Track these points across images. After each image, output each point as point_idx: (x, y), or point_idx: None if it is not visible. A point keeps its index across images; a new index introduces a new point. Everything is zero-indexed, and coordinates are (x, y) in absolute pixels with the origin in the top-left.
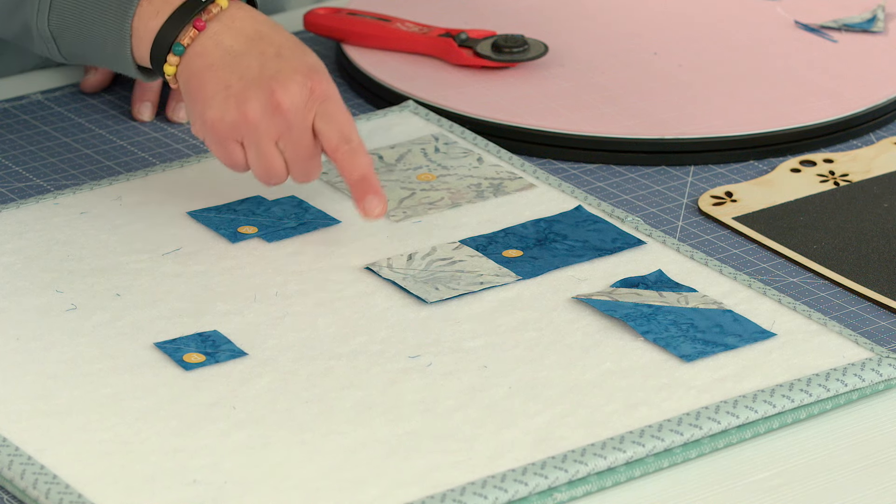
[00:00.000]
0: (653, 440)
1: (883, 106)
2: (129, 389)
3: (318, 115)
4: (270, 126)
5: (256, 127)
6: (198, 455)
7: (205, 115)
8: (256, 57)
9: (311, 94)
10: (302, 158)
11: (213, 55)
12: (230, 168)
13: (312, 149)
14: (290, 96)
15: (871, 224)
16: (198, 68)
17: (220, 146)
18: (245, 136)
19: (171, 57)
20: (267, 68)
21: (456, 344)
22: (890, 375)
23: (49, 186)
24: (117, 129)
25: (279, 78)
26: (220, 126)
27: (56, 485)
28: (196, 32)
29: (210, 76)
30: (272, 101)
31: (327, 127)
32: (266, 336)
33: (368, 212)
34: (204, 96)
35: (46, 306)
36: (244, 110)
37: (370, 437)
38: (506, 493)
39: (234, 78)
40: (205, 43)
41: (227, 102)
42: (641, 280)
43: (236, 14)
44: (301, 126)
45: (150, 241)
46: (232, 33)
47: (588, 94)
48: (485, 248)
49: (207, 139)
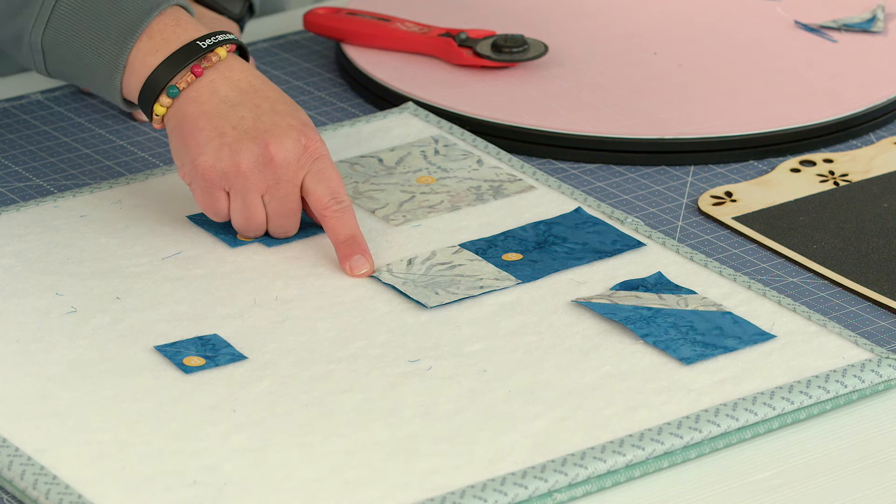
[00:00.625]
0: (652, 443)
1: (882, 106)
2: (129, 392)
3: (310, 173)
4: (260, 179)
5: (247, 178)
6: (198, 457)
7: (197, 160)
8: (251, 109)
9: (304, 151)
10: (284, 214)
11: (208, 102)
12: (210, 216)
13: (297, 205)
14: (283, 151)
15: (870, 224)
16: (192, 113)
17: (207, 193)
18: (233, 186)
19: (164, 98)
20: (262, 121)
21: (456, 348)
22: (889, 376)
23: (49, 186)
24: (117, 128)
25: (274, 132)
26: (211, 174)
27: (56, 485)
28: (193, 77)
29: (205, 123)
30: (266, 155)
31: (319, 186)
32: (266, 340)
33: (355, 270)
34: (197, 142)
35: (46, 309)
36: (237, 160)
37: (370, 440)
38: (505, 496)
39: (229, 127)
40: (201, 89)
41: (221, 151)
42: (641, 282)
43: (233, 65)
44: (291, 182)
45: (151, 245)
46: (228, 83)
47: (588, 94)
48: (484, 251)
49: (194, 184)
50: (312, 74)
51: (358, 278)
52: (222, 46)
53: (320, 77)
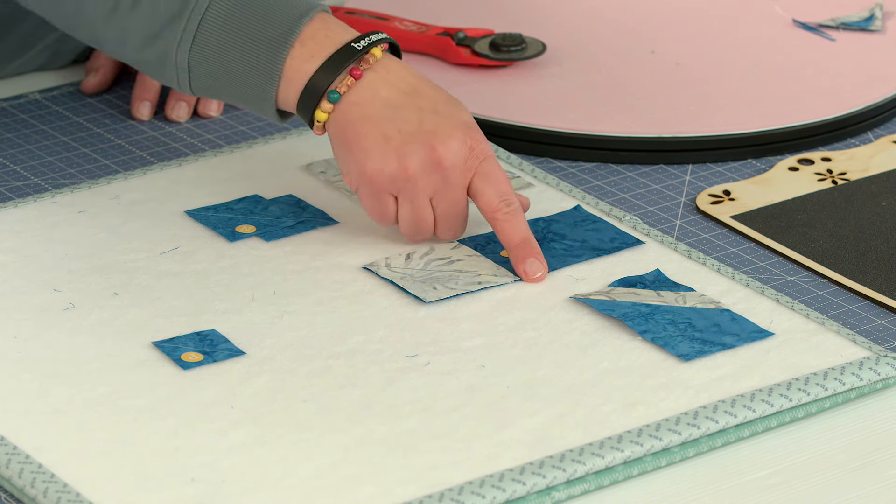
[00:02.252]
0: (651, 440)
1: (881, 104)
2: (127, 388)
3: (478, 175)
4: (428, 182)
5: (415, 182)
6: (196, 454)
7: (364, 165)
8: (414, 111)
9: (470, 153)
10: (452, 216)
11: (370, 106)
12: (378, 221)
13: (465, 207)
14: (451, 153)
15: (868, 222)
16: (354, 118)
17: (375, 198)
18: (401, 191)
19: (325, 103)
20: (426, 123)
21: (454, 343)
22: (888, 374)
23: (47, 185)
24: (115, 128)
25: (439, 134)
26: (379, 178)
27: (54, 483)
28: (353, 81)
29: (369, 127)
30: (433, 157)
31: (487, 187)
32: (264, 335)
33: (530, 275)
34: (363, 147)
35: (44, 305)
36: (405, 164)
37: (368, 436)
38: (504, 492)
39: (394, 131)
40: (361, 92)
41: (388, 155)
42: (639, 279)
43: (391, 65)
44: (458, 184)
45: (148, 240)
46: (388, 85)
47: (586, 93)
48: (483, 247)
49: (362, 190)
50: None
51: (534, 282)
52: (377, 46)
53: None
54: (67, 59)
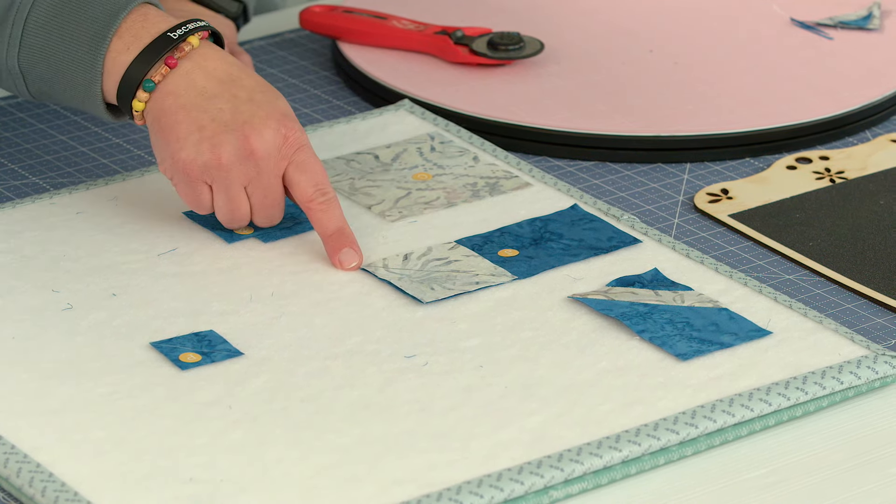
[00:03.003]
0: (649, 439)
1: (879, 103)
2: (125, 388)
3: (292, 164)
4: (241, 171)
5: (228, 171)
6: (194, 453)
7: (177, 155)
8: (229, 100)
9: (284, 142)
10: (268, 205)
11: (185, 95)
12: (194, 209)
13: (280, 195)
14: (264, 143)
15: (866, 221)
16: (169, 107)
17: (189, 187)
18: (215, 179)
19: (141, 93)
20: (240, 112)
21: (452, 344)
22: (886, 373)
23: (45, 184)
24: (113, 126)
25: (253, 123)
26: (192, 168)
27: (52, 483)
28: (167, 70)
29: (183, 116)
30: (246, 147)
31: (302, 177)
32: (262, 336)
33: (345, 265)
34: (176, 136)
35: (42, 306)
36: (218, 153)
37: (366, 436)
38: (502, 492)
39: (207, 119)
40: (177, 81)
41: (201, 145)
42: (637, 279)
43: (207, 54)
44: (273, 173)
45: (147, 241)
46: (204, 74)
47: (584, 92)
48: (480, 247)
49: (176, 179)
50: (308, 72)
51: (349, 272)
52: (194, 35)
53: (316, 75)
54: None
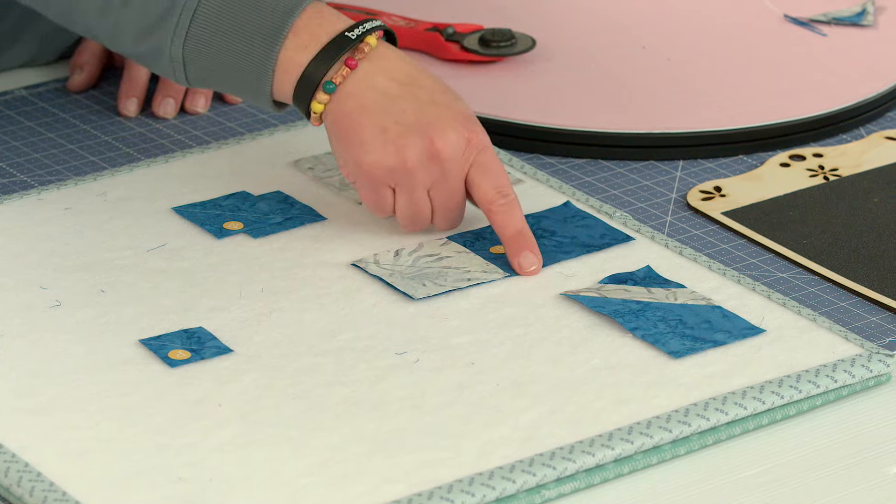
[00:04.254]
0: (641, 437)
1: (873, 100)
2: (114, 386)
3: (475, 166)
4: (427, 174)
5: (413, 174)
6: (183, 452)
7: (361, 158)
8: (411, 101)
9: (468, 144)
10: (450, 207)
11: (366, 96)
12: (375, 212)
13: (463, 199)
14: (449, 145)
15: (861, 219)
16: (350, 109)
17: (373, 190)
18: (399, 183)
19: (321, 94)
20: (423, 114)
21: (443, 340)
22: (880, 371)
23: (33, 182)
24: (102, 124)
25: (438, 125)
26: (377, 171)
27: (40, 482)
28: (348, 71)
29: (365, 119)
30: (431, 149)
31: (484, 179)
32: (252, 332)
33: (525, 268)
34: (360, 139)
35: (30, 303)
36: (403, 157)
37: (357, 434)
38: (493, 490)
39: (391, 122)
40: (358, 83)
41: (386, 147)
42: (630, 276)
43: (386, 54)
44: (457, 176)
45: (135, 238)
46: (384, 75)
47: (576, 89)
48: (472, 244)
49: (360, 182)
50: None
51: (528, 275)
52: (372, 34)
53: None
54: (53, 55)
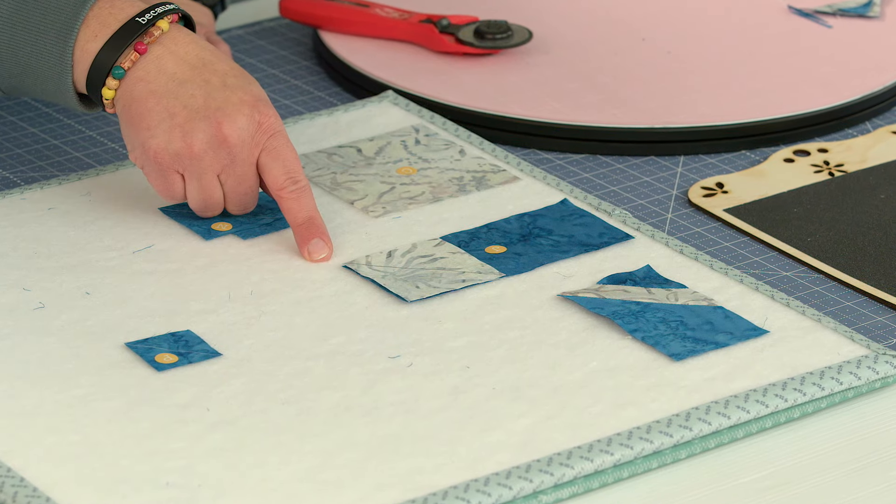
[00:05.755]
0: (641, 442)
1: (879, 93)
2: (100, 390)
3: (265, 151)
4: (215, 159)
5: (201, 159)
6: (171, 458)
7: (147, 143)
8: (201, 85)
9: (258, 128)
10: (242, 192)
11: (155, 81)
12: (165, 198)
13: (254, 182)
14: (237, 130)
15: (867, 216)
16: (140, 94)
17: (161, 176)
18: (187, 168)
19: (111, 80)
20: (213, 98)
21: (437, 344)
22: (887, 373)
23: (16, 178)
24: (87, 119)
25: (226, 110)
26: (163, 156)
27: (24, 488)
28: (137, 56)
29: (153, 103)
30: (219, 134)
31: (274, 164)
32: (241, 336)
33: (313, 255)
34: (147, 124)
35: (13, 304)
36: (189, 142)
37: (349, 440)
38: (489, 496)
39: (179, 106)
40: (147, 67)
41: (172, 132)
42: (629, 276)
43: (178, 38)
44: (246, 161)
45: (121, 238)
46: (175, 59)
47: (574, 82)
48: (467, 244)
49: (147, 168)
50: (289, 62)
51: (318, 262)
52: (163, 18)
53: (297, 65)
54: None
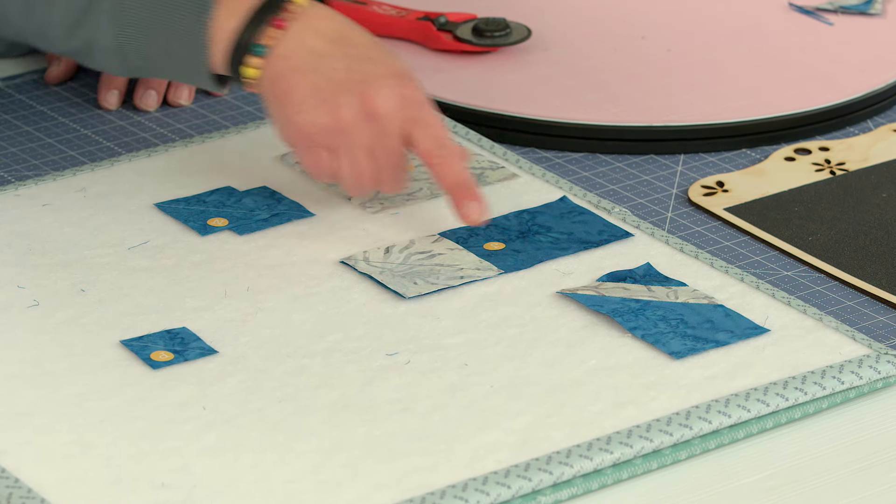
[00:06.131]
0: (641, 441)
1: (881, 91)
2: (94, 389)
3: (412, 122)
4: (363, 132)
5: (349, 132)
6: (166, 458)
7: (295, 118)
8: (342, 59)
9: (403, 100)
10: (392, 166)
11: (297, 57)
12: (316, 177)
13: (403, 156)
14: (384, 102)
15: (868, 215)
16: (283, 70)
17: (310, 152)
18: (336, 143)
19: (252, 59)
20: (355, 72)
21: (435, 341)
22: (888, 373)
23: (10, 177)
24: (81, 117)
25: (371, 82)
26: (312, 130)
27: (18, 489)
28: (277, 33)
29: (298, 79)
30: (367, 107)
31: (422, 133)
32: (237, 333)
33: (468, 216)
34: (292, 100)
35: (7, 302)
36: (338, 115)
37: (346, 438)
38: (487, 496)
39: (323, 81)
40: (288, 44)
41: (319, 107)
42: (629, 274)
43: (316, 13)
44: (394, 133)
45: (116, 235)
46: (314, 34)
47: (573, 80)
48: (465, 240)
49: (297, 144)
50: None
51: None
52: None
53: None
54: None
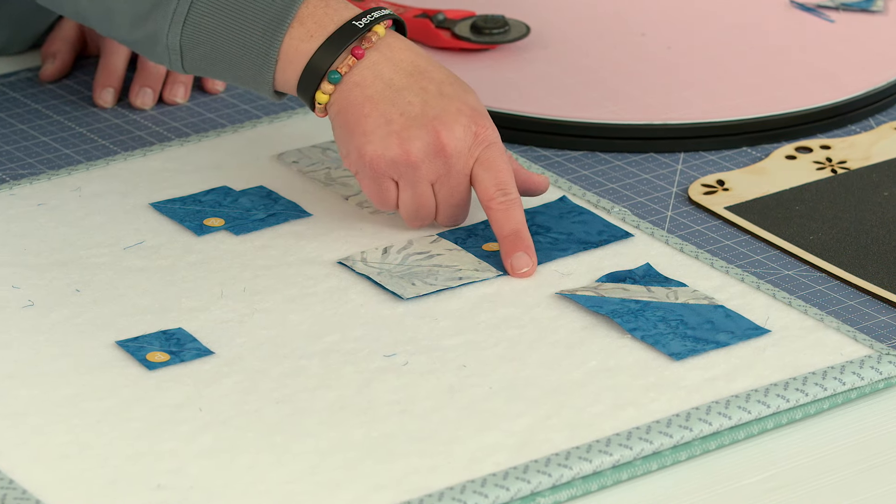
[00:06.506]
0: (641, 442)
1: (882, 89)
2: (90, 390)
3: (479, 162)
4: (431, 168)
5: (417, 167)
6: (162, 459)
7: (364, 148)
8: (418, 93)
9: (474, 139)
10: (454, 203)
11: (372, 87)
12: (377, 205)
13: (467, 195)
14: (455, 139)
15: (870, 214)
16: (356, 99)
17: (375, 182)
18: (403, 176)
19: (326, 84)
20: (430, 106)
21: (433, 342)
22: (890, 373)
23: (4, 176)
24: (76, 115)
25: (444, 119)
26: (380, 162)
27: (12, 490)
28: (354, 61)
29: (370, 109)
30: (437, 143)
31: (486, 175)
32: (234, 334)
33: (516, 269)
34: (363, 129)
35: (2, 302)
36: (407, 149)
37: (344, 440)
38: (486, 498)
39: (396, 113)
40: (363, 73)
41: (389, 139)
42: (629, 274)
43: (394, 44)
44: (461, 171)
45: (112, 234)
46: (391, 65)
47: (572, 78)
48: (464, 241)
49: (362, 173)
50: None
51: (519, 277)
52: (380, 23)
53: None
54: (25, 43)
